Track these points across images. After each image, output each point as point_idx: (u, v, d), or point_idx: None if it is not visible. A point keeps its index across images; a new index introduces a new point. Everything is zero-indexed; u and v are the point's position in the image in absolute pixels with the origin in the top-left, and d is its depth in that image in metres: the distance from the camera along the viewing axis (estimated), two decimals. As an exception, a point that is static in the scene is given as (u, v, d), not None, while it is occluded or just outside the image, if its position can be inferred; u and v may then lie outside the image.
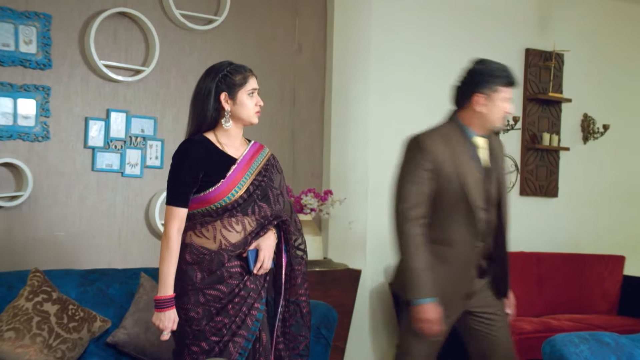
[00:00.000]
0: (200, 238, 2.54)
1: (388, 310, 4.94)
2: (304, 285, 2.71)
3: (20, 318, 3.29)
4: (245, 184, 2.56)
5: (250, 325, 2.53)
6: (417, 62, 5.04)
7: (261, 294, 2.58)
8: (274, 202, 2.63)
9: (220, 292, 2.51)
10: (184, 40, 4.47)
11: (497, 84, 2.88)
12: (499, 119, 2.92)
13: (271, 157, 2.73)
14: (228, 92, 2.56)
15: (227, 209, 2.53)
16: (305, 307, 2.72)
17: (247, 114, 2.58)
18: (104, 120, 4.17)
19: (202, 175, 2.52)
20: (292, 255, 2.68)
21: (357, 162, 4.86)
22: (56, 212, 4.05)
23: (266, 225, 2.58)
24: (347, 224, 4.84)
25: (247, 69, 2.61)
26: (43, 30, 3.95)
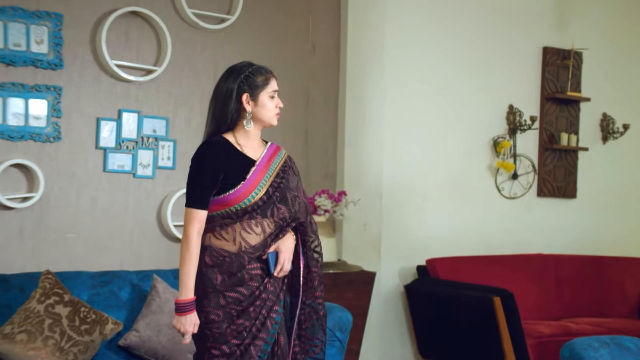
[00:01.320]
0: (219, 240, 2.54)
1: (403, 312, 4.93)
2: (320, 287, 2.72)
3: (32, 320, 3.30)
4: (265, 185, 2.57)
5: (270, 328, 2.53)
6: (433, 62, 5.03)
7: (279, 297, 2.59)
8: (291, 204, 2.63)
9: (241, 294, 2.51)
10: (196, 40, 4.47)
11: None
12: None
13: (288, 158, 2.73)
14: (250, 94, 2.57)
15: (247, 211, 2.54)
16: (322, 309, 2.72)
17: (267, 115, 2.60)
18: (116, 121, 4.18)
19: (222, 177, 2.53)
20: (309, 257, 2.68)
21: (372, 163, 4.86)
22: (67, 214, 4.06)
23: (285, 227, 2.59)
24: (362, 225, 4.83)
25: (268, 70, 2.63)
26: (54, 30, 3.96)
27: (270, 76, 2.62)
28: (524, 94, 5.39)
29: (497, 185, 5.29)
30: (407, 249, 4.93)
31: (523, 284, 4.88)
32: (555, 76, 5.48)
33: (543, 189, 5.48)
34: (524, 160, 5.39)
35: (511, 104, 5.33)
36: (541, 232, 5.45)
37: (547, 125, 5.48)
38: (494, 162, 5.26)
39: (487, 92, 5.24)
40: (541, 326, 4.53)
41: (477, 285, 4.46)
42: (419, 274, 4.85)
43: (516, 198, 5.37)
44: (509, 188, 5.35)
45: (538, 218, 5.46)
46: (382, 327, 4.85)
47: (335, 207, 4.60)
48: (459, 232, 5.12)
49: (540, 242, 5.42)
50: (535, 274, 5.07)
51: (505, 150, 5.25)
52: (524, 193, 5.40)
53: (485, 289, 4.33)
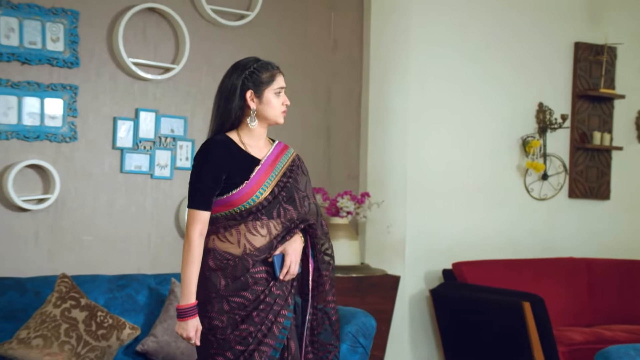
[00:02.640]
0: (223, 243, 2.52)
1: (429, 318, 4.90)
2: (331, 291, 2.68)
3: (48, 325, 3.32)
4: (270, 185, 2.55)
5: (277, 334, 2.51)
6: (459, 58, 5.00)
7: (288, 301, 2.56)
8: (300, 205, 2.61)
9: (245, 299, 2.49)
10: (215, 37, 4.48)
11: None
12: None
13: (296, 157, 2.71)
14: (254, 90, 2.55)
15: (251, 211, 2.52)
16: (334, 314, 2.68)
17: (273, 113, 2.57)
18: (133, 120, 4.19)
19: (225, 177, 2.51)
20: (320, 260, 2.66)
21: (396, 163, 4.84)
22: (84, 216, 4.08)
23: (292, 228, 2.57)
24: (385, 227, 4.81)
25: (274, 67, 2.60)
26: (70, 28, 3.98)
27: (277, 72, 2.58)
28: (554, 92, 5.34)
29: (526, 186, 5.25)
30: (433, 252, 4.90)
31: (553, 289, 4.83)
32: (587, 72, 5.42)
33: (575, 190, 5.42)
34: (555, 160, 5.33)
35: (541, 101, 5.28)
36: (572, 235, 5.39)
37: (579, 123, 5.41)
38: (523, 162, 5.22)
39: (516, 90, 5.20)
40: (573, 333, 4.48)
41: (506, 290, 4.42)
42: (445, 278, 4.82)
43: (546, 199, 5.32)
44: (539, 189, 5.30)
45: (569, 220, 5.40)
46: (407, 333, 4.83)
47: (358, 209, 4.58)
48: (487, 235, 5.08)
49: (572, 245, 5.36)
50: (566, 278, 5.02)
51: (535, 149, 5.21)
52: (554, 194, 5.35)
53: (514, 294, 4.29)
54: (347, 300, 4.07)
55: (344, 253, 4.49)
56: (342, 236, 4.52)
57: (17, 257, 3.89)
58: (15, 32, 3.84)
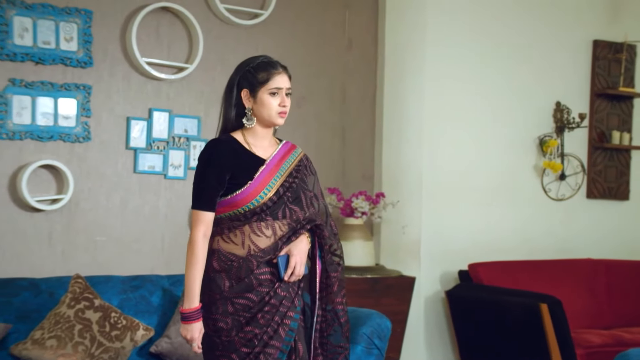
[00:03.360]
0: (228, 244, 2.52)
1: (444, 319, 4.90)
2: (341, 292, 2.66)
3: (62, 326, 3.35)
4: (275, 185, 2.54)
5: (283, 336, 2.50)
6: (475, 56, 4.97)
7: (295, 302, 2.54)
8: (306, 205, 2.60)
9: (250, 300, 2.48)
10: (229, 36, 4.49)
11: None
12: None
13: (304, 157, 2.70)
14: (249, 90, 2.54)
15: (255, 212, 2.51)
16: (343, 315, 2.66)
17: (267, 113, 2.54)
18: (146, 120, 4.21)
19: (229, 177, 2.51)
20: (328, 261, 2.64)
21: (411, 163, 4.82)
22: (97, 216, 4.11)
23: (298, 229, 2.55)
24: (401, 228, 4.80)
25: (275, 66, 2.57)
26: (84, 27, 4.01)
27: (276, 72, 2.55)
28: (572, 90, 5.30)
29: (543, 186, 5.23)
30: (448, 253, 4.88)
31: (571, 291, 4.80)
32: (606, 71, 5.39)
33: (593, 191, 5.39)
34: (573, 160, 5.31)
35: (558, 100, 5.25)
36: (591, 235, 5.36)
37: (598, 122, 5.38)
38: (540, 162, 5.19)
39: (533, 88, 5.17)
40: (591, 335, 4.46)
41: (523, 292, 4.41)
42: (461, 279, 4.80)
43: (564, 200, 5.30)
44: (556, 189, 5.28)
45: (587, 221, 5.37)
46: (423, 335, 4.82)
47: (373, 209, 4.58)
48: (503, 236, 5.06)
49: (590, 246, 5.33)
50: (585, 280, 4.99)
51: (552, 149, 5.18)
52: (572, 194, 5.32)
53: (531, 296, 4.28)
54: (362, 302, 4.08)
55: (359, 254, 4.49)
56: (357, 237, 4.52)
57: (31, 257, 3.92)
58: (29, 32, 3.88)
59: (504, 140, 5.09)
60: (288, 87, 2.57)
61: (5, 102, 3.83)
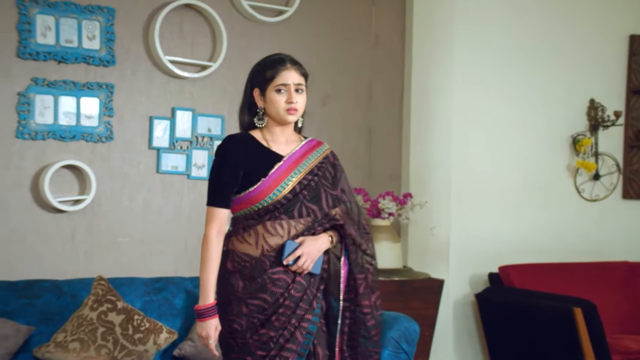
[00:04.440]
0: (242, 244, 2.53)
1: (474, 323, 4.87)
2: (369, 295, 2.63)
3: (84, 328, 3.38)
4: (291, 183, 2.53)
5: (301, 339, 2.48)
6: (505, 53, 4.94)
7: (313, 305, 2.53)
8: (326, 204, 2.59)
9: (264, 301, 2.48)
10: (253, 33, 4.50)
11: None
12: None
13: (330, 154, 2.68)
14: (260, 89, 2.57)
15: (268, 210, 2.51)
16: (370, 319, 2.62)
17: (276, 112, 2.54)
18: (169, 120, 4.24)
19: (243, 174, 2.52)
20: (353, 262, 2.61)
21: (439, 163, 4.80)
22: (120, 217, 4.13)
23: (315, 227, 2.55)
24: (429, 229, 4.79)
25: (283, 63, 2.56)
26: (107, 25, 4.05)
27: (282, 69, 2.54)
28: (607, 87, 5.25)
29: (576, 186, 5.18)
30: (478, 255, 4.85)
31: (606, 295, 4.75)
32: (643, 67, 5.33)
33: (629, 191, 5.33)
34: (607, 160, 5.26)
35: (592, 98, 5.20)
36: (627, 237, 5.30)
37: (633, 120, 5.32)
38: (574, 162, 5.15)
39: (566, 86, 5.12)
40: (628, 341, 4.41)
41: (556, 295, 4.37)
42: (491, 282, 4.77)
43: (598, 200, 5.25)
44: (590, 190, 5.23)
45: (623, 222, 5.31)
46: (451, 339, 4.80)
47: (401, 210, 4.57)
48: (535, 238, 5.02)
49: (626, 248, 5.26)
50: (621, 283, 4.94)
51: (586, 148, 5.13)
52: (607, 195, 5.27)
53: (564, 299, 4.24)
54: (390, 305, 4.07)
55: (386, 256, 4.48)
56: (384, 238, 4.52)
57: (54, 258, 3.96)
58: (51, 31, 3.92)
59: (536, 139, 5.05)
60: (297, 83, 2.55)
61: (27, 102, 3.87)
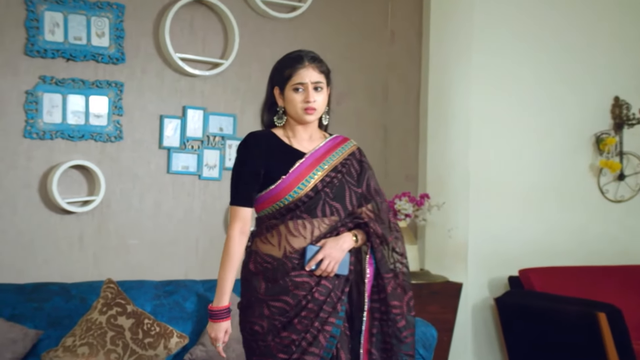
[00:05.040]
0: (266, 245, 2.54)
1: (493, 328, 4.85)
2: (401, 295, 2.61)
3: (93, 332, 3.38)
4: (313, 180, 2.53)
5: (324, 343, 2.47)
6: (526, 49, 4.92)
7: (337, 308, 2.51)
8: (349, 202, 2.58)
9: (286, 303, 2.48)
10: (266, 30, 4.49)
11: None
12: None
13: (356, 151, 2.68)
14: (279, 87, 2.58)
15: (290, 208, 2.51)
16: (401, 320, 2.59)
17: (293, 111, 2.55)
18: (180, 119, 4.23)
19: (264, 172, 2.53)
20: (380, 261, 2.59)
21: (457, 162, 4.79)
22: (129, 218, 4.13)
23: (339, 227, 2.54)
24: (446, 231, 4.78)
25: (300, 60, 2.55)
26: (116, 22, 4.04)
27: (299, 67, 2.53)
28: (632, 84, 5.21)
29: (600, 187, 5.15)
30: (498, 258, 4.84)
31: (632, 299, 4.71)
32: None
33: (656, 191, 5.29)
34: (632, 159, 5.21)
35: (617, 95, 5.16)
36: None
37: (660, 118, 5.27)
38: (597, 162, 5.12)
39: (589, 82, 5.10)
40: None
41: (579, 299, 4.34)
42: (511, 285, 4.76)
43: (623, 201, 5.21)
44: (615, 190, 5.19)
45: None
46: (470, 344, 4.79)
47: (417, 212, 4.55)
48: (557, 240, 5.00)
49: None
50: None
51: (610, 147, 5.10)
52: (632, 196, 5.23)
53: (588, 304, 4.21)
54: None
55: (403, 259, 4.46)
56: (400, 240, 4.50)
57: (62, 261, 3.96)
58: (60, 28, 3.91)
59: (557, 138, 5.03)
60: (315, 81, 2.54)
61: (35, 100, 3.87)
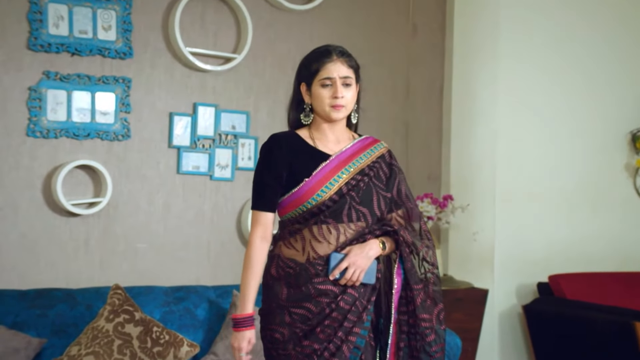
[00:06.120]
0: (289, 249, 2.55)
1: (522, 337, 4.84)
2: (431, 308, 2.60)
3: (100, 341, 3.37)
4: (338, 183, 2.54)
5: (347, 354, 2.46)
6: (556, 43, 4.92)
7: (363, 317, 2.50)
8: (377, 207, 2.58)
9: (308, 311, 2.48)
10: (281, 23, 4.49)
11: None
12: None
13: (386, 153, 2.68)
14: (306, 83, 2.59)
15: (313, 212, 2.51)
16: (430, 334, 2.58)
17: (320, 107, 2.56)
18: (191, 116, 4.23)
19: (287, 175, 2.54)
20: (409, 271, 2.58)
21: (483, 162, 4.80)
22: (137, 221, 4.13)
23: (366, 234, 2.53)
24: (471, 234, 4.78)
25: (328, 54, 2.56)
26: (123, 15, 4.04)
27: (327, 61, 2.55)
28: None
29: (636, 187, 5.16)
30: (526, 263, 4.86)
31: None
32: None
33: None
34: (662, 159, 5.19)
35: (654, 90, 5.15)
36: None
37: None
38: (633, 161, 5.12)
39: (624, 77, 5.11)
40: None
41: (613, 308, 4.33)
42: (541, 292, 4.77)
43: (661, 203, 5.19)
44: (651, 191, 5.17)
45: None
46: (497, 355, 4.78)
47: (440, 214, 4.56)
48: (589, 244, 5.01)
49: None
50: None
51: (647, 145, 5.10)
52: (671, 197, 5.21)
53: (623, 312, 4.19)
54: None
55: (425, 264, 4.46)
56: (423, 245, 4.49)
57: (67, 266, 3.96)
58: (64, 21, 3.90)
59: (590, 136, 5.04)
60: (344, 76, 2.55)
61: (39, 97, 3.86)
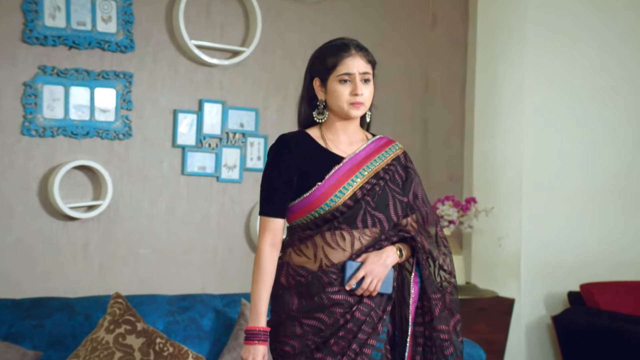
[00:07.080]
0: (300, 257, 2.54)
1: (551, 350, 4.82)
2: (447, 319, 2.60)
3: (99, 353, 3.37)
4: (352, 187, 2.53)
5: None
6: (587, 34, 4.91)
7: (378, 329, 2.49)
8: (394, 212, 2.56)
9: (321, 322, 2.47)
10: (291, 14, 4.51)
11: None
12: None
13: (402, 155, 2.68)
14: (320, 78, 2.57)
15: (326, 219, 2.51)
16: (449, 347, 2.58)
17: (337, 104, 2.54)
18: (196, 113, 4.23)
19: (298, 179, 2.53)
20: (427, 279, 2.58)
21: (508, 162, 4.79)
22: (140, 225, 4.14)
23: (382, 241, 2.53)
24: (496, 239, 4.76)
25: (346, 48, 2.56)
26: (124, 5, 4.05)
27: (345, 56, 2.54)
28: None
29: (674, 189, 5.14)
30: (555, 270, 4.84)
31: None
32: None
33: None
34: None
35: (689, 86, 5.11)
36: None
37: None
38: (670, 161, 5.11)
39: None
40: None
41: (651, 320, 4.28)
42: (571, 302, 4.74)
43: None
44: (691, 194, 5.13)
45: None
46: (524, 368, 4.79)
47: (463, 218, 4.56)
48: (624, 250, 4.96)
49: None
50: None
51: (686, 144, 5.08)
52: None
53: (661, 324, 4.13)
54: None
55: (446, 271, 4.44)
56: (444, 250, 4.47)
57: (65, 273, 3.97)
58: (61, 12, 3.92)
59: (623, 134, 5.01)
60: (363, 72, 2.54)
61: (34, 94, 3.87)
